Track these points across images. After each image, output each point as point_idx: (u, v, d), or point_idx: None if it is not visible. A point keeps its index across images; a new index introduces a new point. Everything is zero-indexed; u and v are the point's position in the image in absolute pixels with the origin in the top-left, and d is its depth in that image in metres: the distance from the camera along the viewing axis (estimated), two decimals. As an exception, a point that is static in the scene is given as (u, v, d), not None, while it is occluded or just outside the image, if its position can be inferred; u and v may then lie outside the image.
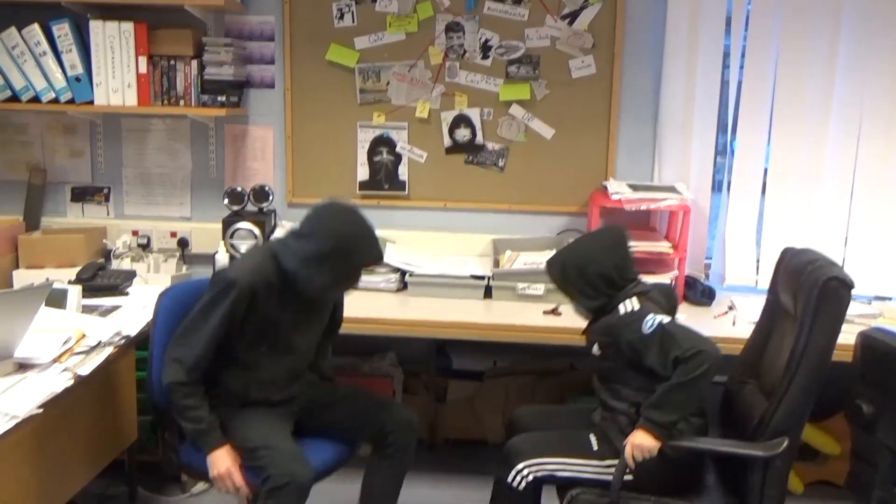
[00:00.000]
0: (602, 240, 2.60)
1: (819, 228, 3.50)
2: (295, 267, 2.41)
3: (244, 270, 2.43)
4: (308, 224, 2.44)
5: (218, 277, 2.44)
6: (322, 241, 2.39)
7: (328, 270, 2.40)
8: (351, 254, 2.42)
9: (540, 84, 3.58)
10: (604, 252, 2.52)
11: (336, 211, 2.48)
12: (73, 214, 3.82)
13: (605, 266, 2.47)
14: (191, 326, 2.41)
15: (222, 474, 2.38)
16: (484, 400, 3.67)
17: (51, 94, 3.45)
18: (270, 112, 3.69)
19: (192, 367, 2.37)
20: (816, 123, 3.44)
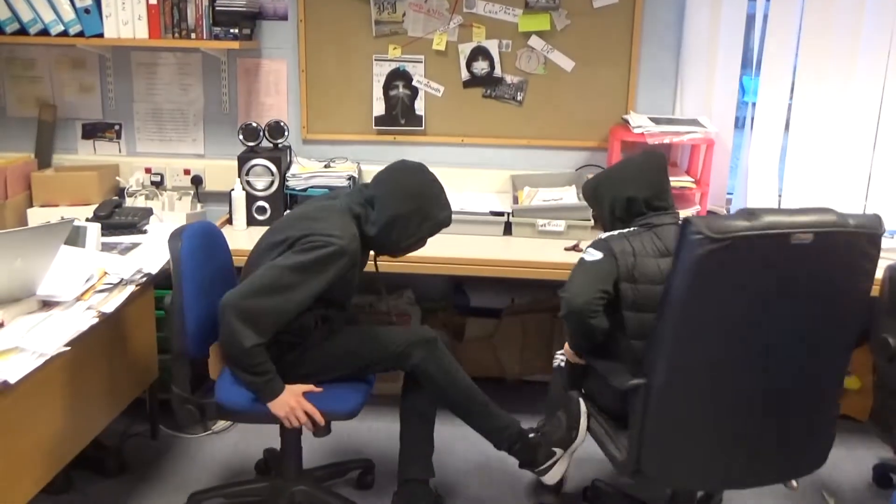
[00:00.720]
0: (639, 165, 2.52)
1: (843, 164, 3.44)
2: (378, 232, 2.43)
3: (347, 237, 2.34)
4: (384, 187, 2.47)
5: (319, 240, 2.30)
6: (402, 203, 2.43)
7: (413, 231, 2.46)
8: (430, 213, 2.47)
9: (560, 14, 3.48)
10: (638, 176, 2.47)
11: (411, 172, 2.50)
12: (85, 151, 3.76)
13: (633, 191, 2.43)
14: (278, 285, 2.28)
15: (294, 408, 2.36)
16: (502, 337, 3.66)
17: (59, 26, 3.36)
18: (284, 45, 3.60)
19: (268, 331, 2.29)
20: (843, 57, 3.36)
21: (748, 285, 2.02)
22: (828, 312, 2.11)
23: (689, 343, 2.07)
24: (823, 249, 2.01)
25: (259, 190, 3.32)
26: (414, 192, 2.45)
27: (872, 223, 2.07)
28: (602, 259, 2.32)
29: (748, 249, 1.97)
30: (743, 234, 1.95)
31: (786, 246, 1.98)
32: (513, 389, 3.67)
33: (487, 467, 3.07)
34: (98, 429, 2.62)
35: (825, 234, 2.01)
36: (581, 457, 2.69)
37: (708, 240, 1.93)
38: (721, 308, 2.04)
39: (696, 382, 2.10)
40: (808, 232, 1.98)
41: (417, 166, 2.52)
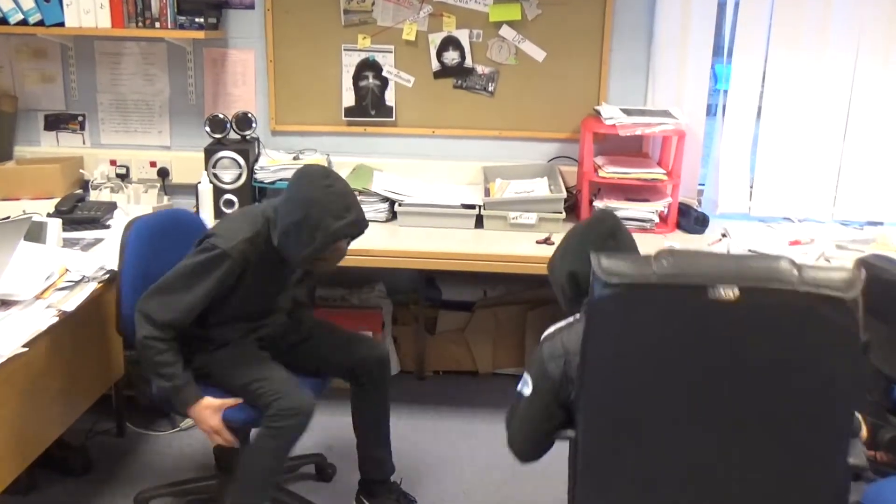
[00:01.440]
0: (582, 233, 2.14)
1: (813, 154, 3.44)
2: (278, 241, 2.33)
3: (237, 241, 2.28)
4: (284, 195, 2.34)
5: (208, 243, 2.28)
6: (293, 212, 2.27)
7: (307, 241, 2.27)
8: (322, 222, 2.25)
9: (531, 4, 3.44)
10: (578, 248, 2.07)
11: (307, 179, 2.31)
12: (48, 143, 3.68)
13: (574, 265, 2.05)
14: (170, 286, 2.28)
15: (209, 431, 2.35)
16: (474, 331, 3.65)
17: (18, 15, 3.27)
18: (250, 35, 3.54)
19: (166, 325, 2.28)
20: (814, 46, 3.35)
21: (648, 351, 1.66)
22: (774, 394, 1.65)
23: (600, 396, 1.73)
24: (756, 311, 1.59)
25: (226, 183, 3.27)
26: (304, 200, 2.26)
27: (838, 283, 1.58)
28: (532, 395, 1.95)
29: (648, 302, 1.62)
30: (640, 280, 1.61)
31: (702, 303, 1.58)
32: (485, 382, 3.65)
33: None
34: (62, 428, 2.56)
35: (758, 292, 1.57)
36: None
37: (600, 283, 1.62)
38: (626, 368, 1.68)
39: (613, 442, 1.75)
40: (731, 286, 1.56)
41: (318, 171, 2.35)
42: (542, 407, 1.94)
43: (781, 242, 3.16)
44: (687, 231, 3.29)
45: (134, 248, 2.45)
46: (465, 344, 3.67)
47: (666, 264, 1.62)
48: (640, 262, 1.66)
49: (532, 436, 1.99)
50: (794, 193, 3.48)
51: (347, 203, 2.30)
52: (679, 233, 3.28)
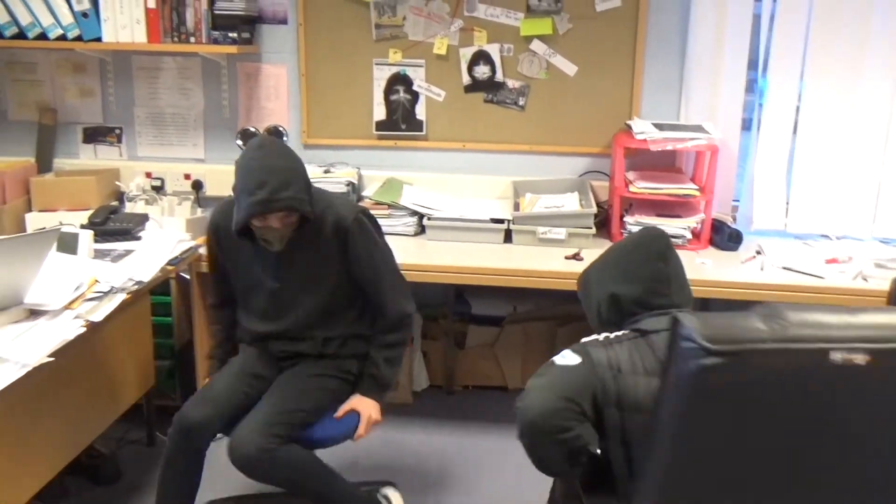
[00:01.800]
0: (628, 251, 1.97)
1: (852, 168, 3.37)
2: None
3: (217, 207, 2.54)
4: None
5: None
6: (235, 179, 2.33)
7: (236, 209, 2.31)
8: (238, 196, 2.29)
9: (562, 18, 3.43)
10: (625, 267, 1.93)
11: (248, 147, 2.36)
12: (86, 156, 3.75)
13: (616, 287, 1.90)
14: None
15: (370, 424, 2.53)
16: (504, 346, 3.62)
17: (58, 30, 3.35)
18: (284, 49, 3.57)
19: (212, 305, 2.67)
20: (852, 60, 3.28)
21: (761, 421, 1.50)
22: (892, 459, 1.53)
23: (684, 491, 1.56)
24: (885, 375, 1.45)
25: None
26: (237, 169, 2.31)
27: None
28: (577, 365, 1.75)
29: (763, 368, 1.45)
30: (755, 346, 1.43)
31: (823, 367, 1.42)
32: (514, 398, 3.60)
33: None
34: (92, 436, 2.61)
35: (887, 354, 1.43)
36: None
37: (703, 351, 1.43)
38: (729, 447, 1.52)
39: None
40: (859, 349, 1.42)
41: (254, 142, 2.37)
42: (581, 382, 1.72)
43: (818, 260, 3.09)
44: (720, 248, 3.24)
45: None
46: (494, 359, 3.65)
47: (779, 326, 1.46)
48: (746, 323, 1.48)
49: (550, 397, 1.71)
50: (831, 209, 3.41)
51: (261, 179, 2.22)
52: (712, 249, 3.23)
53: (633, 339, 1.80)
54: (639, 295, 1.86)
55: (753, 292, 2.87)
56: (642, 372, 1.73)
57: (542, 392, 1.74)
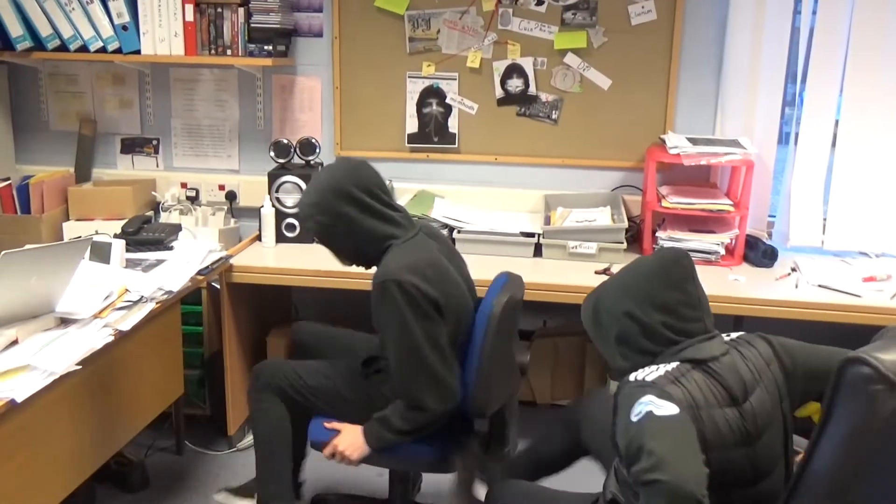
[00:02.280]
0: (653, 275, 1.78)
1: (892, 184, 3.29)
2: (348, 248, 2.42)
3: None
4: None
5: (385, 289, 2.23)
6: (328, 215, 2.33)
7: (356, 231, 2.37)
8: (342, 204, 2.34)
9: (597, 31, 3.41)
10: (653, 292, 1.75)
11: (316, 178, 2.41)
12: (123, 166, 3.81)
13: (649, 311, 1.74)
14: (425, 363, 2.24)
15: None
16: (533, 360, 3.58)
17: (98, 43, 3.41)
18: (318, 62, 3.60)
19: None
20: (892, 73, 3.20)
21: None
22: None
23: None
24: None
25: (289, 207, 3.31)
26: None
27: None
28: (680, 414, 1.55)
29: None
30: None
31: None
32: (543, 413, 3.59)
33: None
34: (121, 444, 2.63)
35: None
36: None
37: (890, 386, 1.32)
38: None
39: None
40: None
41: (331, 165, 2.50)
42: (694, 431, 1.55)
43: (855, 278, 3.02)
44: (754, 264, 3.18)
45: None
46: (524, 374, 3.61)
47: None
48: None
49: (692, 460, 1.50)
50: (870, 226, 3.33)
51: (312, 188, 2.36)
52: (746, 266, 3.18)
53: (691, 370, 1.66)
54: (674, 323, 1.72)
55: (788, 310, 2.81)
56: (715, 404, 1.62)
57: (678, 453, 1.50)
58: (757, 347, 1.78)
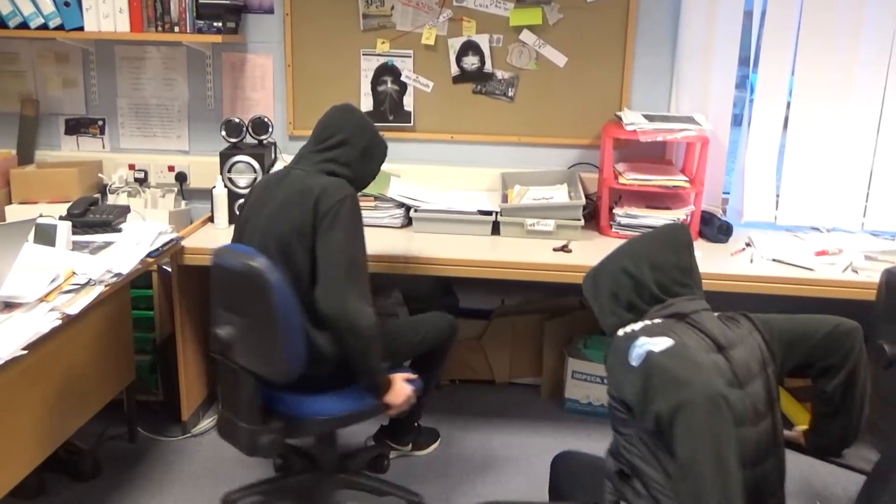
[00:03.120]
0: (654, 239, 1.89)
1: (843, 161, 3.34)
2: (357, 170, 2.53)
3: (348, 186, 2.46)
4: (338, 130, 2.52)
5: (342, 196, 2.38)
6: (365, 136, 2.54)
7: (377, 159, 2.62)
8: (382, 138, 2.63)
9: (552, 8, 3.39)
10: (651, 253, 1.84)
11: (352, 109, 2.62)
12: (68, 147, 3.69)
13: (643, 268, 1.82)
14: (356, 256, 2.38)
15: (409, 395, 2.49)
16: (491, 339, 3.58)
17: (39, 19, 3.29)
18: (270, 39, 3.52)
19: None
20: (843, 55, 3.26)
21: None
22: None
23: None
24: None
25: (242, 187, 3.24)
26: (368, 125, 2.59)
27: None
28: (676, 344, 1.66)
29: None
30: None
31: None
32: (501, 392, 3.59)
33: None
34: (70, 431, 2.55)
35: None
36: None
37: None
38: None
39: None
40: None
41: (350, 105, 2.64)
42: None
43: (808, 253, 3.05)
44: (710, 240, 3.21)
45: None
46: (482, 352, 3.60)
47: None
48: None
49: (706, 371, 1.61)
50: (822, 202, 3.38)
51: None
52: (701, 241, 3.20)
53: (675, 323, 1.75)
54: (664, 281, 1.81)
55: (743, 284, 2.84)
56: (703, 350, 1.70)
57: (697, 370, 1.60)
58: (738, 320, 1.87)
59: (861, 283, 2.80)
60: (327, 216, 2.34)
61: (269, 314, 2.24)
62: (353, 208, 2.40)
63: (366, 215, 3.13)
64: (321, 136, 2.54)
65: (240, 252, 2.33)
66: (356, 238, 2.40)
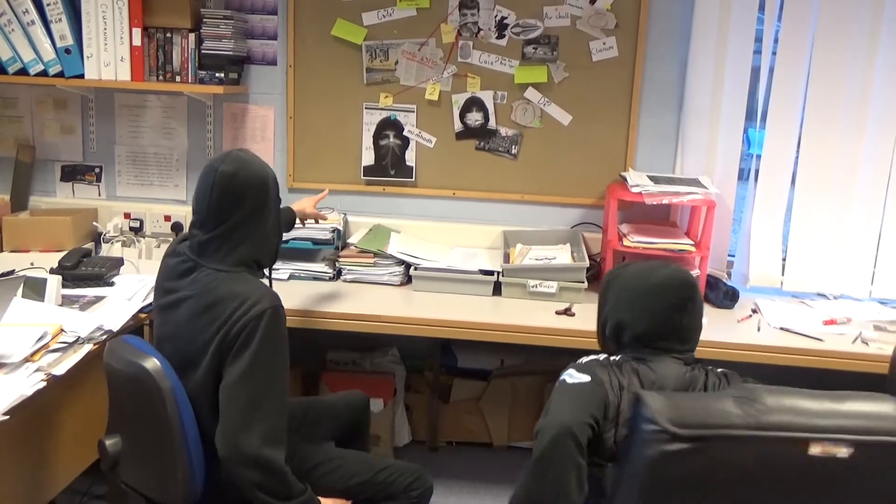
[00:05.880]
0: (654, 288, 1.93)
1: (851, 225, 3.29)
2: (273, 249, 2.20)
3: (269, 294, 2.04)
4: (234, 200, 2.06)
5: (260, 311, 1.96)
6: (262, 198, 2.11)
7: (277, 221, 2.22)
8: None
9: (558, 67, 3.36)
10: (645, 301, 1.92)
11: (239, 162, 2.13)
12: (63, 194, 3.64)
13: (627, 317, 1.93)
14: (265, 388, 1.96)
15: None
16: (490, 400, 3.49)
17: (39, 66, 3.26)
18: (272, 91, 3.49)
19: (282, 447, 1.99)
20: (852, 114, 3.21)
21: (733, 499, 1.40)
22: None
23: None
24: (867, 469, 1.35)
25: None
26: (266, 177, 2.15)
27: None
28: (589, 382, 1.79)
29: (733, 457, 1.37)
30: (725, 432, 1.34)
31: (800, 458, 1.33)
32: (500, 455, 3.49)
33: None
34: (53, 493, 2.44)
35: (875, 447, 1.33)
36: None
37: (666, 435, 1.36)
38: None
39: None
40: (841, 440, 1.32)
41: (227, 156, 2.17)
42: (598, 398, 1.75)
43: (816, 321, 2.99)
44: (716, 305, 3.14)
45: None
46: (480, 414, 3.51)
47: (755, 410, 1.38)
48: (715, 405, 1.40)
49: (578, 411, 1.71)
50: (829, 268, 3.32)
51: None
52: (707, 307, 3.11)
53: (630, 360, 1.86)
54: (642, 333, 1.89)
55: (751, 354, 2.76)
56: (639, 386, 1.78)
57: (572, 405, 1.74)
58: (728, 379, 1.89)
59: (871, 355, 2.73)
60: (239, 337, 1.95)
61: (162, 426, 1.92)
62: (273, 326, 1.97)
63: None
64: (218, 215, 2.07)
65: (131, 348, 2.01)
66: (269, 366, 1.97)
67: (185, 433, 1.95)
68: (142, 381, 1.93)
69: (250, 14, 3.43)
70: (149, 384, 1.92)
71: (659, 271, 1.97)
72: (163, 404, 1.90)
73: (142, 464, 2.02)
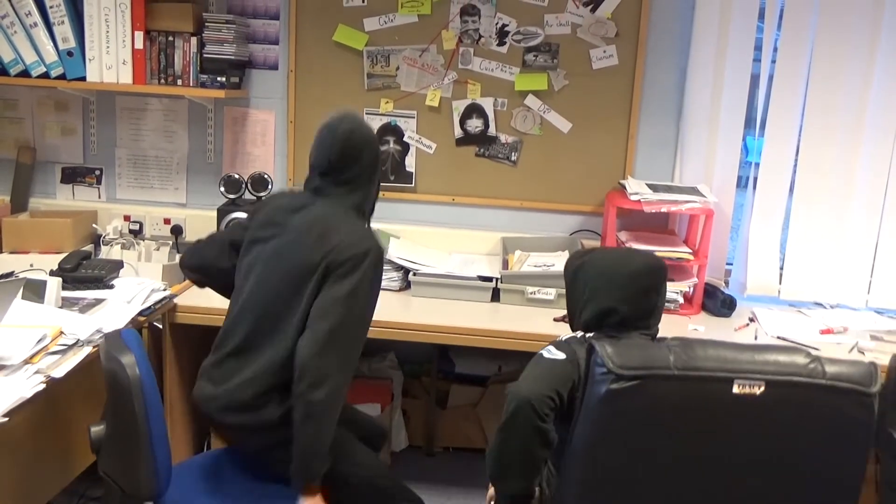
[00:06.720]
0: (633, 275, 2.07)
1: (848, 235, 3.30)
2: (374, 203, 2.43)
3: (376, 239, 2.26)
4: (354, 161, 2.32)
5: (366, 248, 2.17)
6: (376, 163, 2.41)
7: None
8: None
9: (558, 74, 3.37)
10: (628, 286, 2.05)
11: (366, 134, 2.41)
12: (63, 196, 3.64)
13: (615, 302, 2.04)
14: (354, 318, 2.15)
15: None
16: (487, 407, 3.50)
17: (41, 68, 3.27)
18: (273, 95, 3.50)
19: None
20: (850, 123, 3.23)
21: (666, 443, 1.65)
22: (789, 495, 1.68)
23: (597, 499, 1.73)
24: (779, 406, 1.60)
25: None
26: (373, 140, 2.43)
27: (861, 377, 1.64)
28: (563, 360, 1.93)
29: (667, 394, 1.61)
30: (659, 372, 1.59)
31: (724, 396, 1.59)
32: (497, 462, 3.48)
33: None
34: (50, 495, 2.45)
35: (783, 385, 1.59)
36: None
37: (612, 376, 1.60)
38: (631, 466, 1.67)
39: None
40: (756, 379, 1.58)
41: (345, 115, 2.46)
42: (566, 375, 1.89)
43: (813, 330, 3.00)
44: (713, 314, 3.15)
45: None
46: (477, 420, 3.52)
47: (685, 356, 1.63)
48: (654, 352, 1.65)
49: (542, 384, 1.87)
50: (826, 277, 3.33)
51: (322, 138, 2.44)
52: (704, 315, 3.14)
53: (604, 338, 1.92)
54: (626, 318, 2.02)
55: (748, 363, 2.77)
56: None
57: (536, 380, 1.90)
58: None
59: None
60: (343, 266, 2.13)
61: (130, 418, 1.97)
62: (375, 265, 2.19)
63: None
64: (338, 167, 2.31)
65: (114, 342, 2.08)
66: (364, 300, 2.18)
67: (151, 429, 2.01)
68: (117, 374, 2.00)
69: (252, 18, 3.44)
70: (122, 378, 1.98)
71: (635, 258, 2.15)
72: (130, 395, 1.96)
73: (116, 454, 2.11)
